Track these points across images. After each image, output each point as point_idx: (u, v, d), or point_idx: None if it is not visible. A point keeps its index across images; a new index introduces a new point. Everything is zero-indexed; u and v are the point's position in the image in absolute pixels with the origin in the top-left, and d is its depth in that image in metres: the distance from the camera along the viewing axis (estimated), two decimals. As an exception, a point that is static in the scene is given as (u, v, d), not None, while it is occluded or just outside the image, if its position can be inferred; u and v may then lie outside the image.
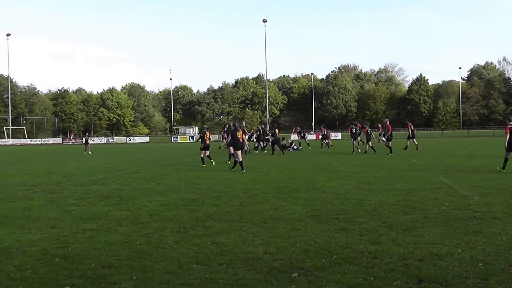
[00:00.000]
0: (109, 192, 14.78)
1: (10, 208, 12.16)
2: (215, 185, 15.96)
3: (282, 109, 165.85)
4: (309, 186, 15.30)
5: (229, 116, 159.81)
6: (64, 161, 32.60)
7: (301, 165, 23.94)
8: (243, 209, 11.21)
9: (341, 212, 10.52)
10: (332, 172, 19.90)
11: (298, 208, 11.20)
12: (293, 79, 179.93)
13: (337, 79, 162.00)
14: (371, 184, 15.41)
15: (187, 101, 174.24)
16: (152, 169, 23.26)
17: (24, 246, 8.12)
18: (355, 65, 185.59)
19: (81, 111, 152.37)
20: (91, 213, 11.10)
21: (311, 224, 9.29)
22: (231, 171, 20.98)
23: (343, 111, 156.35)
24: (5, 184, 18.02)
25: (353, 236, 8.24)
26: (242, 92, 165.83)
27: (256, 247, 7.69)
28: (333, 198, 12.60)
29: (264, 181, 17.04)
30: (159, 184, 16.77)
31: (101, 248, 7.81)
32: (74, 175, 20.89)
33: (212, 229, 9.06)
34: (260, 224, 9.38)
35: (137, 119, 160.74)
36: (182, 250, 7.58)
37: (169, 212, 11.02)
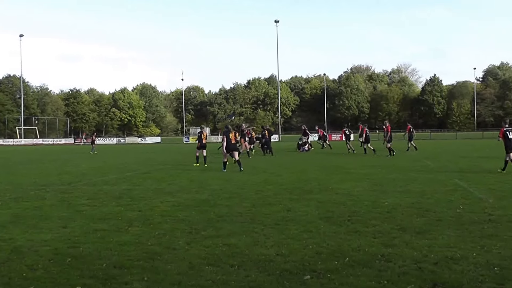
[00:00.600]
0: (121, 193, 14.82)
1: (22, 208, 12.23)
2: (227, 186, 15.96)
3: (294, 110, 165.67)
4: (321, 187, 15.25)
5: (240, 117, 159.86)
6: (76, 161, 32.75)
7: (313, 166, 23.89)
8: (254, 210, 11.20)
9: (354, 214, 10.48)
10: (344, 173, 19.84)
11: (311, 209, 11.16)
12: (305, 79, 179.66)
13: (349, 79, 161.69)
14: (384, 186, 15.34)
15: (198, 101, 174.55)
16: (163, 170, 23.30)
17: (36, 245, 8.15)
18: (367, 66, 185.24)
19: (92, 111, 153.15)
20: (103, 213, 11.13)
21: (324, 226, 9.25)
22: (241, 172, 20.97)
23: (356, 112, 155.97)
24: (17, 183, 18.13)
25: (366, 239, 8.19)
26: (254, 92, 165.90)
27: (268, 248, 7.67)
28: (346, 199, 12.55)
29: (276, 182, 17.02)
30: (171, 185, 16.80)
31: (112, 249, 7.82)
32: (86, 175, 20.98)
33: (224, 230, 9.05)
34: (272, 226, 9.35)
35: (149, 119, 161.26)
36: (193, 251, 7.58)
37: (181, 213, 11.02)
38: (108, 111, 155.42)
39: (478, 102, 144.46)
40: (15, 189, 16.33)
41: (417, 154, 33.01)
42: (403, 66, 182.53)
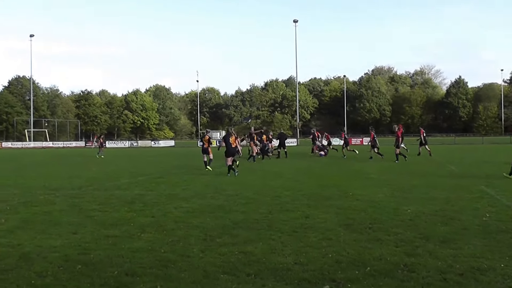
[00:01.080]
0: (133, 198, 14.86)
1: (31, 213, 12.30)
2: (243, 192, 15.94)
3: (312, 112, 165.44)
4: (341, 193, 15.19)
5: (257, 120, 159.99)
6: (87, 165, 32.93)
7: (333, 171, 23.82)
8: (271, 217, 11.17)
9: (375, 221, 10.41)
10: (365, 179, 19.76)
11: (330, 216, 11.11)
12: (324, 81, 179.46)
13: (370, 81, 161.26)
14: (406, 192, 15.24)
15: (214, 104, 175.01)
16: (177, 174, 23.35)
17: (45, 252, 8.19)
18: (389, 67, 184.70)
19: (104, 113, 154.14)
20: (114, 219, 11.16)
21: (344, 234, 9.20)
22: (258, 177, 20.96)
23: (377, 115, 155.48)
24: (26, 187, 18.25)
25: (388, 247, 8.13)
26: (271, 95, 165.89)
27: (285, 257, 7.64)
28: (367, 206, 12.49)
29: (293, 187, 16.97)
30: (185, 190, 16.82)
31: (124, 256, 7.84)
32: (97, 180, 21.08)
33: (240, 237, 9.03)
34: (290, 233, 9.32)
35: (162, 122, 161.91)
36: (208, 259, 7.57)
37: (195, 219, 11.02)
38: (121, 113, 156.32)
39: (505, 105, 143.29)
40: (24, 193, 16.44)
41: (441, 159, 32.76)
42: (427, 67, 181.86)
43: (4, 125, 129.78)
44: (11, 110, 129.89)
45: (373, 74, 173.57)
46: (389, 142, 38.57)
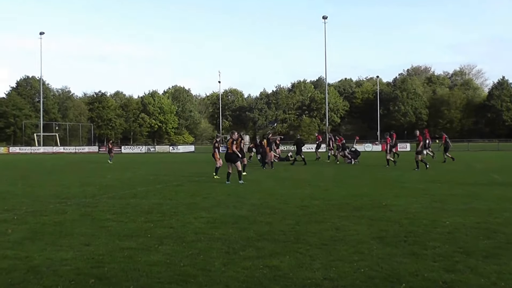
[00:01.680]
0: (150, 207, 14.94)
1: (41, 223, 12.39)
2: (268, 201, 15.96)
3: (343, 116, 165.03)
4: (373, 203, 15.13)
5: (283, 124, 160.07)
6: (101, 171, 33.19)
7: (364, 179, 23.73)
8: (299, 228, 11.16)
9: (411, 234, 10.35)
10: (399, 188, 19.64)
11: (362, 228, 11.07)
12: (356, 82, 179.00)
13: (405, 82, 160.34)
14: (445, 203, 15.11)
15: (237, 106, 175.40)
16: (197, 182, 23.43)
17: (55, 265, 8.25)
18: (426, 67, 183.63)
19: (119, 116, 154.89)
20: (130, 230, 11.22)
21: (376, 247, 9.16)
22: (284, 187, 20.95)
23: (413, 119, 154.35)
24: (35, 196, 18.42)
25: (425, 262, 8.08)
26: (298, 97, 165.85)
27: (314, 271, 7.63)
28: (401, 218, 12.41)
29: (323, 197, 16.94)
30: (206, 199, 16.87)
31: (140, 269, 7.88)
32: (111, 187, 21.22)
33: (265, 250, 9.03)
34: (319, 246, 9.31)
35: (182, 126, 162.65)
36: (230, 274, 7.58)
37: (217, 230, 11.04)
38: (137, 116, 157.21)
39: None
40: (32, 202, 16.58)
41: (482, 166, 32.45)
42: (467, 67, 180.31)
43: (12, 129, 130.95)
44: (19, 113, 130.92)
45: (408, 74, 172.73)
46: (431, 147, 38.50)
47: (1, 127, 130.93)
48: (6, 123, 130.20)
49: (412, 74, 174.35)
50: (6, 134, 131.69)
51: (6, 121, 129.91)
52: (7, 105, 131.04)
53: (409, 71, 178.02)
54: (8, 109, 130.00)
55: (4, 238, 10.44)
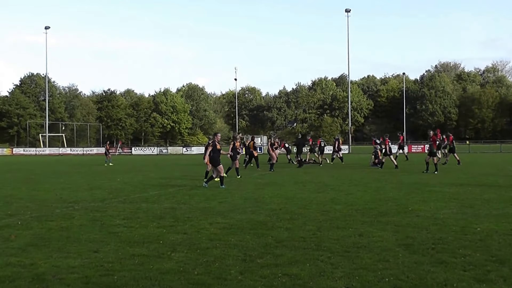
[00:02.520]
0: (162, 212, 15.01)
1: (47, 228, 12.49)
2: (287, 206, 15.98)
3: (367, 115, 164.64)
4: (399, 208, 15.10)
5: (304, 124, 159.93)
6: (110, 174, 33.31)
7: (389, 183, 23.65)
8: (320, 234, 11.17)
9: (439, 241, 10.32)
10: (427, 192, 19.56)
11: (387, 235, 11.06)
12: (380, 80, 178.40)
13: (433, 80, 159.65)
14: (476, 208, 15.05)
15: (254, 105, 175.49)
16: (213, 185, 23.46)
17: (62, 272, 8.31)
18: (455, 63, 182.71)
19: (130, 116, 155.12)
20: (141, 236, 11.29)
21: (402, 255, 9.15)
22: (305, 190, 20.95)
23: (441, 119, 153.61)
24: (41, 200, 18.55)
25: (454, 271, 8.06)
26: (319, 95, 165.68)
27: (336, 280, 7.64)
28: (429, 224, 12.38)
29: (345, 201, 16.93)
30: (221, 203, 16.92)
31: (152, 278, 7.93)
32: (122, 191, 21.31)
33: (284, 258, 9.05)
34: (341, 253, 9.31)
35: (196, 126, 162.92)
36: (247, 282, 7.61)
37: (233, 236, 11.08)
38: (148, 116, 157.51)
39: None
40: (38, 206, 16.70)
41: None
42: (500, 63, 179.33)
43: (15, 129, 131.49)
44: (23, 112, 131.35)
45: (436, 71, 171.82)
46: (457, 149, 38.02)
47: (4, 127, 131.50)
48: (9, 123, 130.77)
49: (441, 70, 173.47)
50: (9, 135, 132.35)
51: (10, 121, 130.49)
52: (10, 104, 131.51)
53: (438, 67, 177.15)
54: (12, 108, 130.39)
55: (7, 245, 10.53)
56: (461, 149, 75.87)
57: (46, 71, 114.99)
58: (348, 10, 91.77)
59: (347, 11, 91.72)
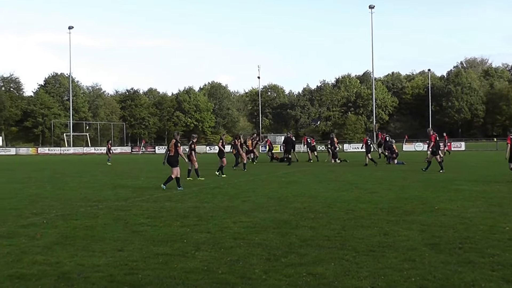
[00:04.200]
0: (186, 211, 15.07)
1: (71, 227, 12.62)
2: (312, 205, 15.95)
3: (391, 113, 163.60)
4: (425, 207, 15.01)
5: (327, 122, 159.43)
6: (134, 173, 33.49)
7: (415, 181, 23.52)
8: (345, 233, 11.15)
9: (466, 240, 10.25)
10: (453, 191, 19.42)
11: (412, 234, 11.01)
12: (405, 77, 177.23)
13: (460, 76, 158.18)
14: (505, 207, 14.91)
15: (278, 103, 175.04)
16: (236, 184, 23.50)
17: (87, 271, 8.40)
18: (483, 59, 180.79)
19: (153, 115, 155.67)
20: (165, 235, 11.35)
21: (429, 255, 9.10)
22: (329, 188, 20.90)
23: (468, 116, 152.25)
24: (65, 199, 18.73)
25: (482, 271, 7.99)
26: (343, 93, 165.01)
27: (361, 280, 7.62)
28: (456, 223, 12.30)
29: (370, 200, 16.88)
30: (245, 202, 16.95)
31: (176, 277, 7.96)
32: (145, 190, 21.40)
33: (308, 257, 9.05)
34: (366, 253, 9.29)
35: (219, 124, 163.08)
36: (272, 282, 7.61)
37: (257, 235, 11.10)
38: (171, 115, 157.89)
39: None
40: (62, 205, 16.90)
41: None
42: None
43: (40, 129, 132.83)
44: (47, 112, 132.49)
45: (463, 67, 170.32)
46: (482, 147, 37.81)
47: (29, 127, 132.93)
48: (34, 123, 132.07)
49: (467, 67, 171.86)
50: (35, 134, 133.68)
51: (34, 120, 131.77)
52: (35, 104, 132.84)
53: (464, 63, 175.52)
54: (36, 108, 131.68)
55: (33, 243, 10.65)
56: (489, 146, 75.24)
57: (70, 71, 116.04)
58: (372, 6, 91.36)
59: (371, 7, 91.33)
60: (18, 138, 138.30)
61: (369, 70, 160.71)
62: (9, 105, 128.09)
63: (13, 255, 9.57)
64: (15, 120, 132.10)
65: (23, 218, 14.06)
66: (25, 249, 10.08)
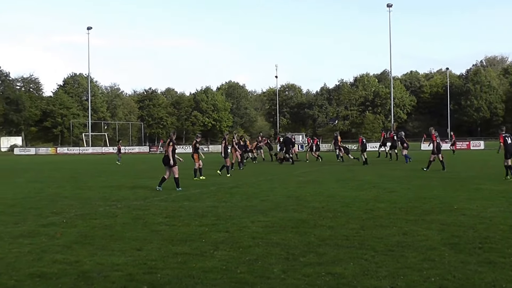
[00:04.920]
0: (204, 210, 15.10)
1: (90, 226, 12.70)
2: (330, 204, 15.92)
3: (410, 112, 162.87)
4: (444, 207, 14.93)
5: (345, 121, 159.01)
6: (152, 172, 33.55)
7: (433, 180, 23.39)
8: (363, 233, 11.12)
9: (486, 240, 10.18)
10: (473, 190, 19.30)
11: (432, 233, 10.95)
12: (423, 75, 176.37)
13: (479, 74, 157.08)
14: (525, 206, 14.82)
15: (295, 103, 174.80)
16: (254, 184, 23.51)
17: (106, 270, 8.44)
18: (503, 57, 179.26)
19: (171, 115, 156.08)
20: (183, 234, 11.37)
21: (448, 254, 9.05)
22: (347, 188, 20.85)
23: (487, 115, 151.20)
24: (84, 198, 18.86)
25: (503, 272, 7.94)
26: (361, 92, 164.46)
27: (380, 280, 7.59)
28: (476, 222, 12.22)
29: (389, 199, 16.82)
30: (263, 202, 16.94)
31: (195, 276, 7.98)
32: (163, 189, 21.40)
33: (327, 256, 9.04)
34: (385, 252, 9.26)
35: (236, 124, 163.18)
36: (291, 281, 7.61)
37: (275, 235, 11.09)
38: (189, 114, 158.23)
39: None
40: (81, 204, 17.01)
41: None
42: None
43: (59, 129, 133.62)
44: (66, 112, 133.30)
45: (482, 65, 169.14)
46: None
47: (48, 127, 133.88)
48: (53, 123, 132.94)
49: (487, 65, 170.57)
50: (54, 134, 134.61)
51: (54, 120, 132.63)
52: (54, 104, 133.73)
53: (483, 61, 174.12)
54: (55, 108, 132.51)
55: (53, 242, 10.73)
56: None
57: (88, 71, 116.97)
58: (390, 5, 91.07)
59: (388, 6, 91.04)
60: (37, 138, 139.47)
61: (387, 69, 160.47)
62: (29, 105, 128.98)
63: (34, 254, 9.65)
64: (35, 120, 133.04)
65: (43, 217, 14.17)
66: (45, 248, 10.16)
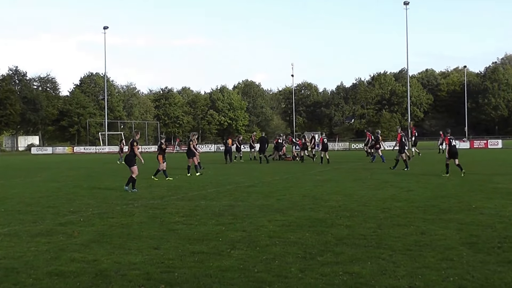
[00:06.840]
0: (221, 209, 15.13)
1: (108, 225, 12.78)
2: (347, 203, 15.90)
3: (426, 110, 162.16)
4: (462, 205, 14.87)
5: (361, 120, 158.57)
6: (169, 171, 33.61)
7: (451, 179, 23.27)
8: (381, 232, 11.09)
9: (506, 239, 10.13)
10: (491, 189, 19.19)
11: (450, 233, 10.91)
12: (440, 73, 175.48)
13: (497, 72, 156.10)
14: (544, 205, 14.71)
15: (311, 101, 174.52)
16: (270, 183, 23.51)
17: (123, 268, 8.49)
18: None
19: (187, 114, 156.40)
20: (200, 233, 11.40)
21: (467, 254, 9.02)
22: (364, 187, 20.79)
23: (505, 113, 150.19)
24: (101, 197, 18.96)
25: (522, 271, 7.90)
26: (378, 90, 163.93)
27: (398, 279, 7.57)
28: (494, 221, 12.16)
29: (406, 198, 16.76)
30: (280, 201, 16.95)
31: (212, 275, 8.00)
32: (180, 188, 21.52)
33: (344, 255, 9.03)
34: (403, 252, 9.23)
35: (252, 123, 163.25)
36: (308, 280, 7.61)
37: (292, 234, 11.09)
38: (205, 113, 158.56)
39: None
40: (99, 203, 17.11)
41: None
42: None
43: (75, 128, 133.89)
44: (83, 111, 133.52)
45: (501, 63, 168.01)
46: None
47: (65, 126, 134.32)
48: (70, 122, 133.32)
49: (506, 62, 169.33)
50: (70, 133, 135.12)
51: (70, 120, 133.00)
52: (70, 103, 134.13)
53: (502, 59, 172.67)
54: (72, 108, 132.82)
55: (71, 241, 10.81)
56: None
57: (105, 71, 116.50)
58: (406, 3, 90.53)
59: (405, 3, 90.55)
60: (54, 137, 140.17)
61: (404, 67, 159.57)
62: (46, 104, 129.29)
63: (52, 252, 9.72)
64: (52, 119, 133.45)
65: (61, 216, 14.27)
66: (63, 246, 10.24)
